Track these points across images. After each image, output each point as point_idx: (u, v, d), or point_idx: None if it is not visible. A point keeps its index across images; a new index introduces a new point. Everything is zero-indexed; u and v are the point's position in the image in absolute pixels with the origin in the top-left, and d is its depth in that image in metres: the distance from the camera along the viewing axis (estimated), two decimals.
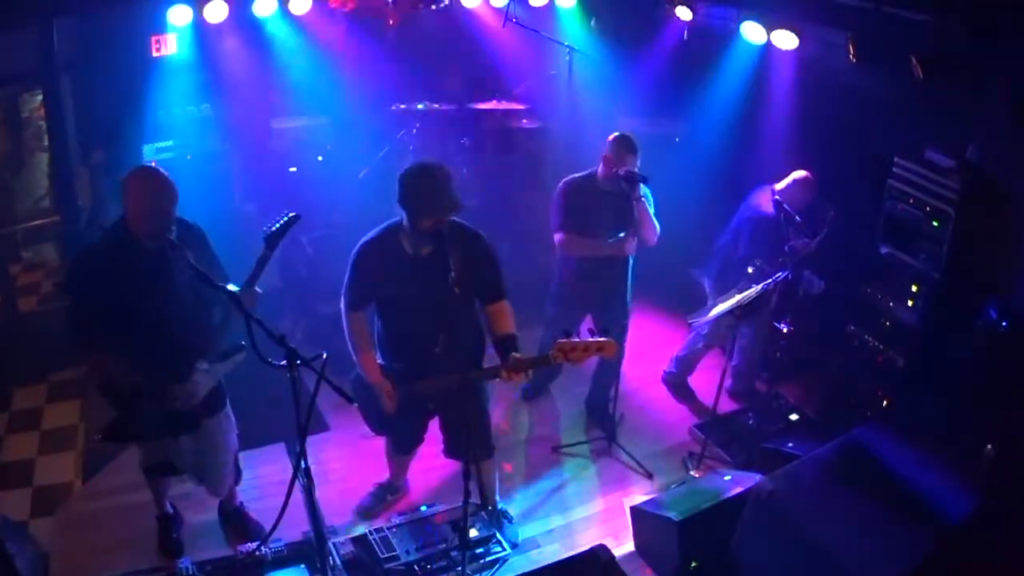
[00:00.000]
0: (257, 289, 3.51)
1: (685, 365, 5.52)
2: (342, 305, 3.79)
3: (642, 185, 4.43)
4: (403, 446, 4.23)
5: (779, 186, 5.03)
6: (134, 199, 3.33)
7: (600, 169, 4.58)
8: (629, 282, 4.51)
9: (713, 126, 6.07)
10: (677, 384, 5.58)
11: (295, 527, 3.87)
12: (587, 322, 4.94)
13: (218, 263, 3.62)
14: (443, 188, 3.48)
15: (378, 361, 3.81)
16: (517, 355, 3.59)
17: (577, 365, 3.74)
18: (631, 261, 4.52)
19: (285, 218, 3.53)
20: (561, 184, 4.71)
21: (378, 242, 3.66)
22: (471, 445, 3.46)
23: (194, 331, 3.51)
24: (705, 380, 5.48)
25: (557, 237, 4.69)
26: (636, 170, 4.42)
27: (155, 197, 3.32)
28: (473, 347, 3.83)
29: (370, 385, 3.79)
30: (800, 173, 4.99)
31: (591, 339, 3.60)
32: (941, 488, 3.61)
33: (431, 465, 4.57)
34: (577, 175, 4.71)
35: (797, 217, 4.84)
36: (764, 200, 5.03)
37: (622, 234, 4.53)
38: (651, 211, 4.53)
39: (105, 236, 3.43)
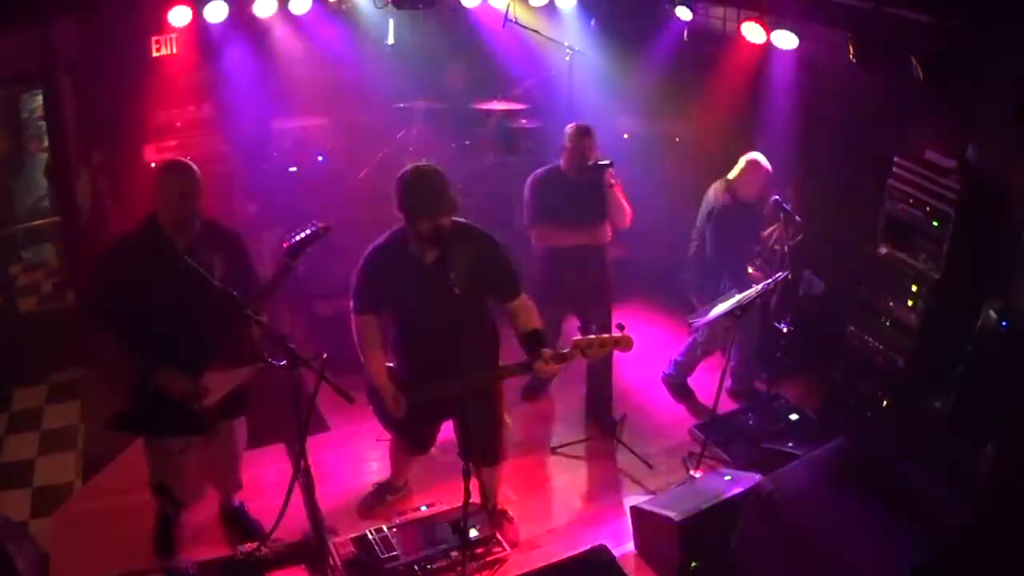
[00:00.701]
0: None
1: (684, 369, 5.52)
2: (350, 309, 3.76)
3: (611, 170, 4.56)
4: (418, 446, 4.19)
5: (731, 175, 4.98)
6: (164, 192, 3.35)
7: (563, 161, 4.69)
8: (608, 273, 4.58)
9: (713, 126, 6.06)
10: (676, 385, 5.57)
11: (295, 527, 3.87)
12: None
13: (252, 270, 3.65)
14: (438, 190, 3.47)
15: (387, 364, 3.79)
16: (547, 351, 3.61)
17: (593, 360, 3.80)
18: (605, 249, 4.63)
19: (311, 230, 3.49)
20: (529, 180, 4.80)
21: (386, 248, 3.65)
22: (471, 444, 3.45)
23: (212, 331, 3.48)
24: (705, 380, 5.48)
25: (532, 231, 4.80)
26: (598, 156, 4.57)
27: (183, 191, 3.34)
28: (486, 348, 3.83)
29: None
30: (750, 155, 4.92)
31: (607, 335, 3.61)
32: (941, 488, 3.61)
33: (431, 465, 4.56)
34: (542, 169, 4.81)
35: (786, 205, 4.81)
36: (718, 193, 5.01)
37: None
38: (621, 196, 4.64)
39: (136, 231, 3.44)
